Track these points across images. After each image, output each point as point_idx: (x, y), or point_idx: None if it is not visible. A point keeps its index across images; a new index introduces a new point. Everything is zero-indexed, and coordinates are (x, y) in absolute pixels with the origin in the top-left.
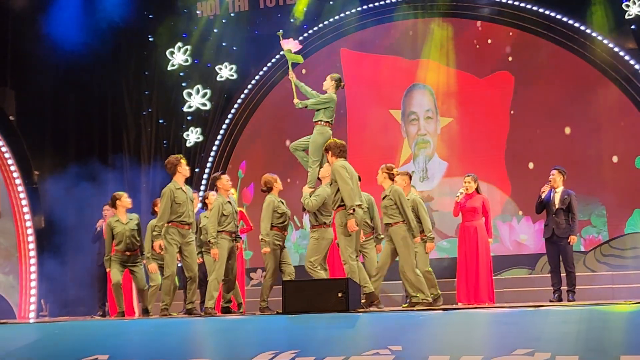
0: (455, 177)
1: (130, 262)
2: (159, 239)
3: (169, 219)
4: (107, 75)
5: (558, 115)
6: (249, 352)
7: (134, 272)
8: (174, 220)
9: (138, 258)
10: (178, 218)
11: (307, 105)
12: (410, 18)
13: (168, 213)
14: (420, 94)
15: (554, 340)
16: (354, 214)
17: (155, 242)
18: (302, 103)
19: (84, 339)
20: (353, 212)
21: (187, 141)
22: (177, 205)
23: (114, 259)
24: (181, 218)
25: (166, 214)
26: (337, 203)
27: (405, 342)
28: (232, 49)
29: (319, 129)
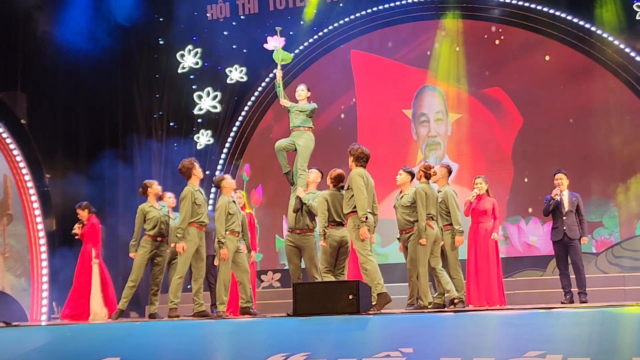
0: (465, 179)
1: (157, 250)
2: (182, 241)
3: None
4: (117, 78)
5: (568, 116)
6: (260, 354)
7: (157, 263)
8: (193, 222)
9: (164, 246)
10: (198, 219)
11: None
12: (420, 19)
13: (190, 214)
14: (430, 96)
15: (566, 342)
16: (366, 222)
17: (178, 245)
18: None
19: (96, 341)
20: (365, 220)
21: (197, 144)
22: (197, 207)
23: (143, 244)
24: (201, 219)
25: (188, 216)
26: (351, 208)
27: (416, 344)
28: (242, 51)
29: (310, 136)
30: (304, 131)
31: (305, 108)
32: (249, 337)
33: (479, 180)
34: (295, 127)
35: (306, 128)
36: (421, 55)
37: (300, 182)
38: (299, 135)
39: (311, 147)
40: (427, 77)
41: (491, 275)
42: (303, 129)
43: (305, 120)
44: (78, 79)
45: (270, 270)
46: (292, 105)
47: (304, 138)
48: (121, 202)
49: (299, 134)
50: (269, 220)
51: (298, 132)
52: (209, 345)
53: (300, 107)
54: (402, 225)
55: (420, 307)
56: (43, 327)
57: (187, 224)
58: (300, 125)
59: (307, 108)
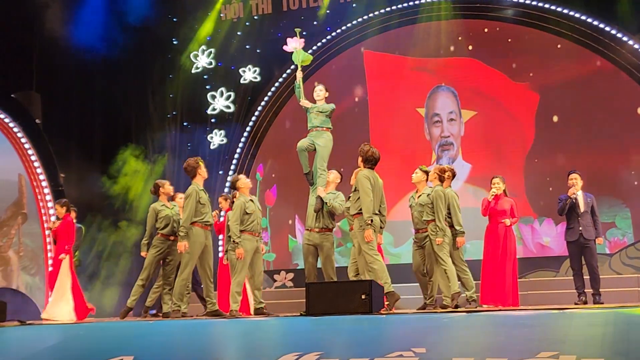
0: (478, 179)
1: (169, 249)
2: (184, 239)
3: (193, 220)
4: (131, 78)
5: (582, 117)
6: (272, 354)
7: (168, 262)
8: (197, 221)
9: (175, 245)
10: (202, 219)
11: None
12: (434, 20)
13: (193, 213)
14: (443, 96)
15: (579, 343)
16: (371, 225)
17: (180, 243)
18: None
19: (109, 340)
20: (370, 223)
21: (211, 143)
22: (202, 206)
23: (155, 243)
24: (205, 219)
25: (192, 214)
26: (357, 209)
27: (429, 344)
28: (256, 51)
29: (329, 136)
30: (323, 131)
31: (326, 109)
32: (261, 337)
33: (497, 180)
34: (314, 127)
35: (325, 128)
36: (434, 55)
37: (320, 181)
38: (318, 136)
39: (330, 147)
40: (440, 77)
41: (507, 276)
42: (322, 129)
43: (324, 120)
44: (92, 79)
45: (283, 270)
46: (313, 106)
47: (324, 138)
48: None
49: (318, 134)
50: (283, 221)
51: (317, 132)
52: (222, 344)
53: (320, 108)
54: (419, 224)
55: (443, 306)
56: (57, 325)
57: (189, 223)
58: (319, 125)
59: (327, 109)
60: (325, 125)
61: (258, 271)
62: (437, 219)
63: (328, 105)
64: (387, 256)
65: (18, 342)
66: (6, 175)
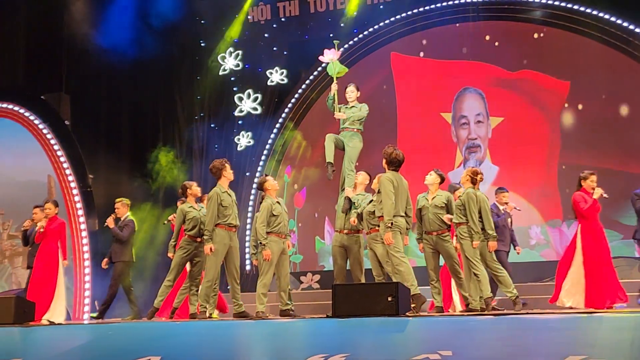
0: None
1: (196, 250)
2: (209, 242)
3: (216, 222)
4: (159, 80)
5: (611, 118)
6: (299, 355)
7: (195, 263)
8: (221, 223)
9: (202, 247)
10: (225, 221)
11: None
12: (461, 22)
13: (215, 216)
14: (471, 98)
15: (608, 347)
16: (391, 228)
17: (206, 246)
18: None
19: (137, 340)
20: (391, 225)
21: (238, 145)
22: (224, 208)
23: (182, 244)
24: (228, 220)
25: (214, 218)
26: (381, 211)
27: (455, 347)
28: (283, 53)
29: (359, 137)
30: (355, 133)
31: (361, 116)
32: (288, 338)
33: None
34: (345, 128)
35: (356, 130)
36: (462, 57)
37: (348, 182)
38: (349, 136)
39: (359, 148)
40: (468, 78)
41: None
42: (353, 130)
43: (357, 122)
44: (120, 81)
45: (310, 272)
46: (349, 116)
47: (354, 140)
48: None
49: (349, 134)
50: (310, 223)
51: (348, 132)
52: (249, 345)
53: (356, 117)
54: (436, 226)
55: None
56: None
57: (212, 226)
58: (355, 127)
59: (363, 115)
60: (356, 127)
61: (284, 272)
62: (472, 221)
63: (361, 112)
64: (414, 258)
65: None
66: (36, 176)
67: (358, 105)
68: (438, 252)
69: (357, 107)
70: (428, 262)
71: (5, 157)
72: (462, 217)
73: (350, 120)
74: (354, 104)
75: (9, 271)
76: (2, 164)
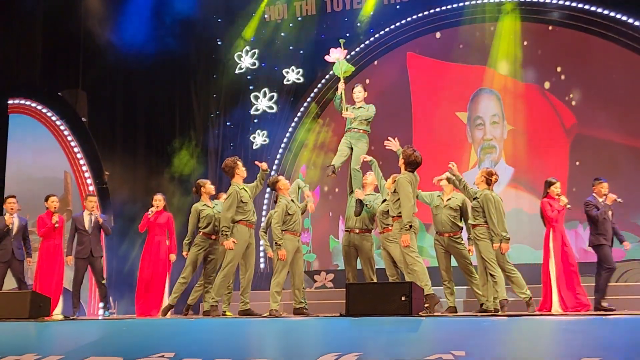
0: (521, 183)
1: (211, 248)
2: (229, 237)
3: (237, 219)
4: (176, 78)
5: (626, 120)
6: (312, 353)
7: (210, 261)
8: (242, 220)
9: (217, 244)
10: (246, 217)
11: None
12: (478, 22)
13: (233, 213)
14: (486, 99)
15: (623, 349)
16: (409, 230)
17: (227, 242)
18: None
19: (151, 336)
20: (409, 228)
21: (253, 144)
22: (244, 204)
23: (197, 242)
24: (248, 217)
25: (232, 213)
26: (397, 212)
27: (468, 347)
28: (299, 52)
29: (366, 138)
30: (362, 134)
31: (369, 115)
32: (301, 336)
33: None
34: (352, 129)
35: (362, 131)
36: (478, 58)
37: (356, 184)
38: (357, 138)
39: (365, 150)
40: (484, 79)
41: None
42: (359, 131)
43: (363, 122)
44: (137, 78)
45: (324, 271)
46: (357, 115)
47: (361, 141)
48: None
49: (356, 136)
50: (324, 222)
51: (355, 134)
52: (262, 343)
53: (364, 116)
54: (448, 228)
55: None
56: (100, 321)
57: (229, 222)
58: (357, 127)
59: (371, 115)
60: (363, 127)
61: (299, 271)
62: (491, 223)
63: (369, 112)
64: (428, 258)
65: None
66: (52, 172)
67: (365, 106)
68: (450, 253)
69: (364, 108)
70: (440, 262)
71: (22, 153)
72: (479, 218)
73: (358, 121)
74: (362, 105)
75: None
76: (19, 160)
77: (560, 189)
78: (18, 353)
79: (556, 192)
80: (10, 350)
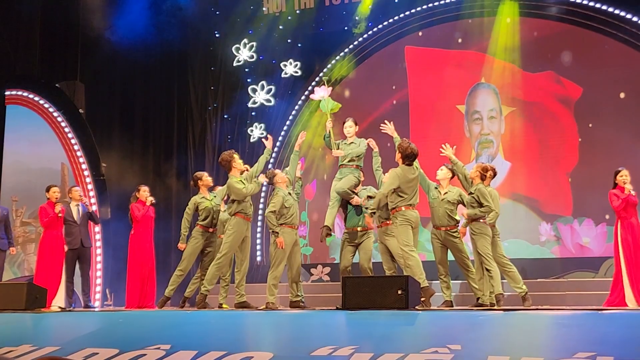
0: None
1: (208, 241)
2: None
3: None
4: (173, 70)
5: (626, 115)
6: (308, 346)
7: (208, 253)
8: (239, 212)
9: (214, 237)
10: (243, 210)
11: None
12: (477, 16)
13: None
14: (484, 93)
15: (617, 344)
16: (373, 215)
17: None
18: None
19: (147, 328)
20: (373, 213)
21: (251, 137)
22: None
23: (194, 235)
24: (246, 209)
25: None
26: (395, 204)
27: (464, 341)
28: (297, 45)
29: (359, 172)
30: (353, 169)
31: (360, 152)
32: (297, 329)
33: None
34: (344, 165)
35: (354, 166)
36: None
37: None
38: (347, 173)
39: (353, 183)
40: (481, 74)
41: None
42: (352, 166)
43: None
44: (135, 70)
45: (320, 264)
46: (347, 153)
47: (352, 174)
48: (175, 193)
49: (347, 171)
50: (321, 215)
51: (347, 169)
52: (258, 335)
53: (355, 153)
54: (445, 222)
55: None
56: (96, 313)
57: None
58: (349, 163)
59: (362, 151)
60: (355, 163)
61: (296, 264)
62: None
63: (360, 148)
64: (424, 252)
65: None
66: (49, 164)
67: (357, 141)
68: (446, 247)
69: (355, 143)
70: (436, 256)
71: (19, 144)
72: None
73: (349, 157)
74: (353, 140)
75: (21, 257)
76: (16, 151)
77: (628, 176)
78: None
79: (622, 180)
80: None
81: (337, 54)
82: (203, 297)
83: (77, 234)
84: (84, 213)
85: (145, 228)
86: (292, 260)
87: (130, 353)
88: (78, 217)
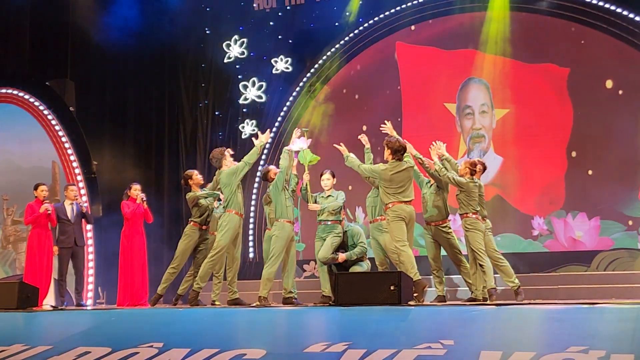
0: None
1: (200, 239)
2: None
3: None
4: (164, 67)
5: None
6: (301, 343)
7: (200, 250)
8: (232, 208)
9: (207, 234)
10: (235, 206)
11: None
12: (467, 11)
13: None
14: (475, 88)
15: (610, 338)
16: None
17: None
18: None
19: (140, 326)
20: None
21: (242, 133)
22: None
23: (188, 232)
24: (239, 207)
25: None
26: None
27: (457, 336)
28: (288, 41)
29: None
30: (332, 225)
31: (338, 205)
32: (290, 325)
33: None
34: (322, 221)
35: (332, 221)
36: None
37: None
38: (328, 231)
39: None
40: (473, 69)
41: None
42: (329, 222)
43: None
44: (125, 67)
45: (313, 260)
46: (323, 207)
47: (333, 232)
48: (166, 190)
49: (327, 229)
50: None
51: (325, 226)
52: (251, 333)
53: (332, 207)
54: (435, 217)
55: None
56: (89, 311)
57: None
58: (326, 218)
59: (339, 204)
60: (331, 219)
61: (291, 259)
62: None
63: (338, 202)
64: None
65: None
66: (40, 162)
67: (335, 194)
68: (438, 242)
69: (333, 196)
70: (429, 251)
71: (9, 142)
72: (467, 208)
73: (325, 212)
74: (330, 193)
75: (12, 256)
76: (6, 150)
77: None
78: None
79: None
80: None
81: (328, 49)
82: (195, 294)
83: (71, 232)
84: (78, 212)
85: (135, 225)
86: (288, 256)
87: (123, 351)
88: (72, 215)
